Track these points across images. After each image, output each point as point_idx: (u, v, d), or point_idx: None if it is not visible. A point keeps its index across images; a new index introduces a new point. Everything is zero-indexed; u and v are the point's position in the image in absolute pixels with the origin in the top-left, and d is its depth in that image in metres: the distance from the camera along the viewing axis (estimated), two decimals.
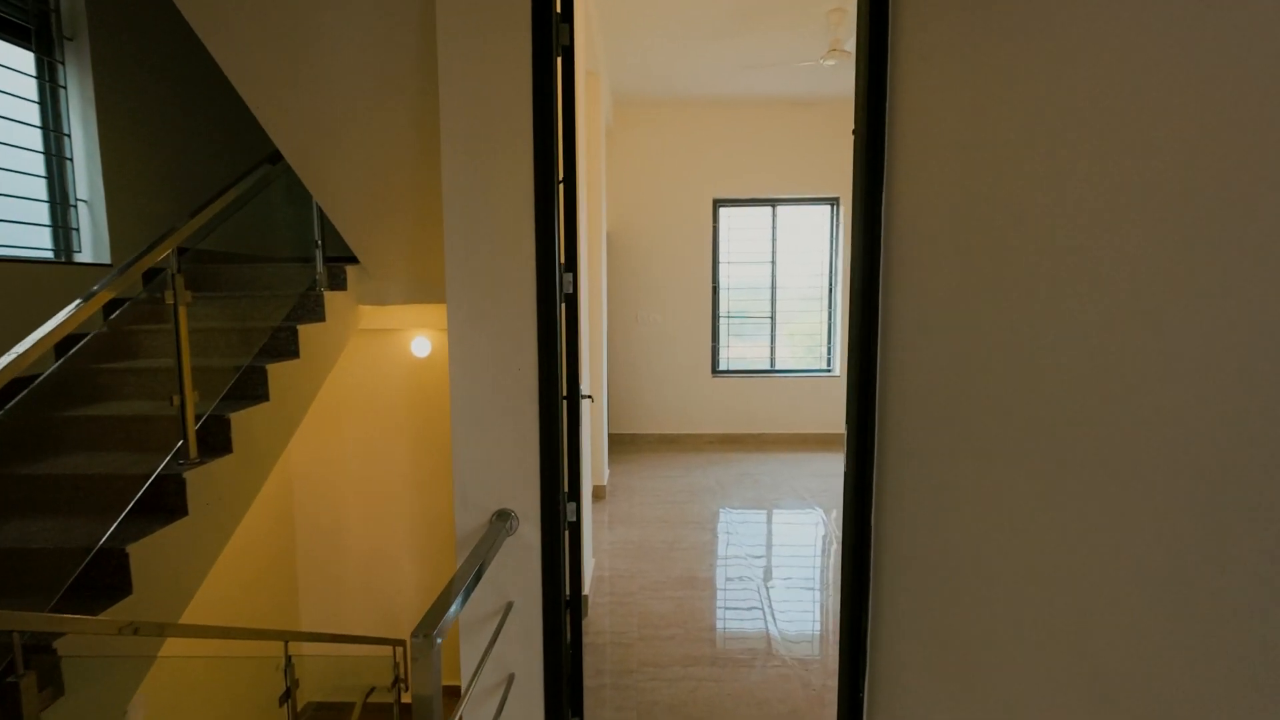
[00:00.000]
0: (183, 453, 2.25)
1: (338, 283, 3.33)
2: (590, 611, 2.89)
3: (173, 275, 2.24)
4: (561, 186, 1.85)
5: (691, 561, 3.50)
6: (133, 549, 1.93)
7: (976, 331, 1.07)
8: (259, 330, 2.85)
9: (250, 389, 2.63)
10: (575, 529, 1.82)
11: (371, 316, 3.79)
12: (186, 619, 2.25)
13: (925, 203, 1.29)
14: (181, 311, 2.25)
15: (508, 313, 1.61)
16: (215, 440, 2.40)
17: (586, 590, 2.98)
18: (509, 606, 1.66)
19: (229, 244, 3.52)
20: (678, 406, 6.23)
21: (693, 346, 6.20)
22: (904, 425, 1.38)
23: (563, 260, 1.75)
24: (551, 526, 1.64)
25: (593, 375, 4.31)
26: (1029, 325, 0.94)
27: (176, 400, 2.24)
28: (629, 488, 4.86)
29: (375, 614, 4.65)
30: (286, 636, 2.48)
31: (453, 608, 1.23)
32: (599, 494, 4.59)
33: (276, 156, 2.82)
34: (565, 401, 1.84)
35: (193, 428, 2.28)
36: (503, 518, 1.62)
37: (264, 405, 2.61)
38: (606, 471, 4.84)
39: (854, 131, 1.66)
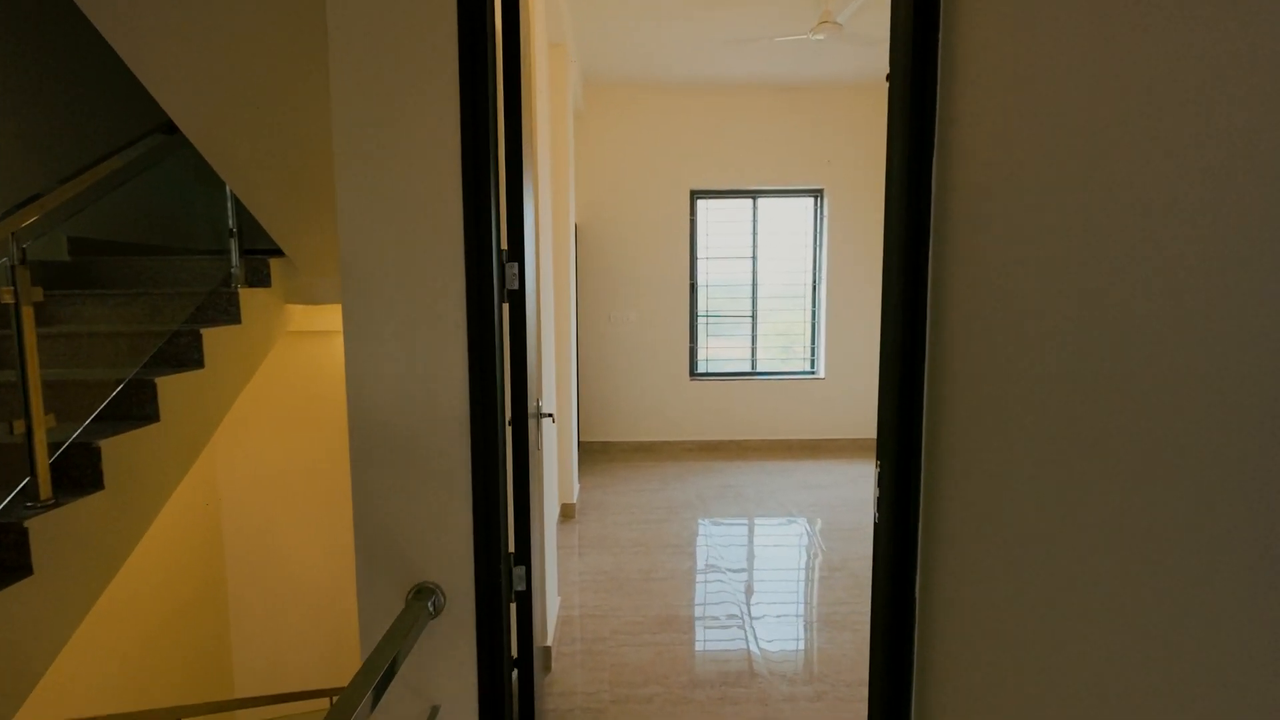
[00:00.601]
0: (31, 492, 1.78)
1: (259, 279, 2.85)
2: (555, 664, 2.46)
3: (13, 266, 1.76)
4: (503, 151, 1.43)
5: (671, 595, 3.09)
6: None
7: (1101, 311, 0.68)
8: (151, 335, 2.36)
9: (134, 408, 2.15)
10: (525, 599, 1.40)
11: (305, 317, 3.31)
12: (57, 686, 1.79)
13: (1005, 154, 0.90)
14: (26, 313, 1.77)
15: (425, 312, 1.18)
16: (80, 474, 1.92)
17: (549, 640, 2.55)
18: (434, 712, 1.24)
19: (124, 232, 3.02)
20: (654, 412, 5.82)
21: (669, 347, 5.79)
22: (970, 437, 0.98)
23: (505, 247, 1.33)
24: (490, 604, 1.21)
25: (560, 382, 3.88)
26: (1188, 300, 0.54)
27: (20, 426, 1.76)
28: (601, 504, 4.43)
29: (322, 652, 4.16)
30: (178, 713, 2.01)
31: None
32: (567, 513, 4.16)
33: (173, 125, 2.33)
34: (511, 427, 1.42)
35: (44, 460, 1.80)
36: (423, 596, 1.19)
37: (151, 428, 2.13)
38: (576, 487, 4.41)
39: (888, 77, 1.28)
